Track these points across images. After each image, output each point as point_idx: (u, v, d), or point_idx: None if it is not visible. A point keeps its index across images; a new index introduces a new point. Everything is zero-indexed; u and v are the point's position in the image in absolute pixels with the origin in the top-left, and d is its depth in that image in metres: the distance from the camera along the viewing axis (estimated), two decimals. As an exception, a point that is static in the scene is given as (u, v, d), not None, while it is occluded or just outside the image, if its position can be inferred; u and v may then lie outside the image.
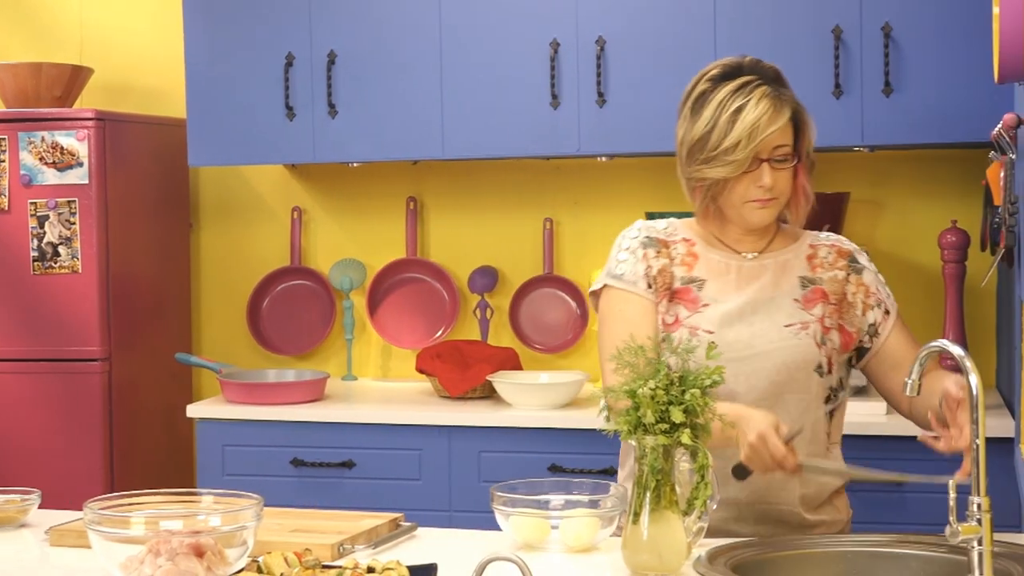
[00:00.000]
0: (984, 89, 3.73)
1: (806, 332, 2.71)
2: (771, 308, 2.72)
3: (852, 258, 2.82)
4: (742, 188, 2.68)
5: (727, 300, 2.72)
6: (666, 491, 2.27)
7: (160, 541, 2.17)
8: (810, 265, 2.79)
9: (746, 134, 2.63)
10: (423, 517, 2.78)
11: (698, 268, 2.76)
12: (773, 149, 2.67)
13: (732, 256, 2.78)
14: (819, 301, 2.75)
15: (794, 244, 2.82)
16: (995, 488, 2.23)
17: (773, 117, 2.65)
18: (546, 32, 4.26)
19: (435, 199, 4.85)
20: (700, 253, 2.78)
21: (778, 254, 2.79)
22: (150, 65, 5.05)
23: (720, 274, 2.76)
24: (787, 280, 2.76)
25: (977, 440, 2.10)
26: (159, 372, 4.81)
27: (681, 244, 2.79)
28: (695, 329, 2.69)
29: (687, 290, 2.74)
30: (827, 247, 2.83)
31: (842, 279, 2.78)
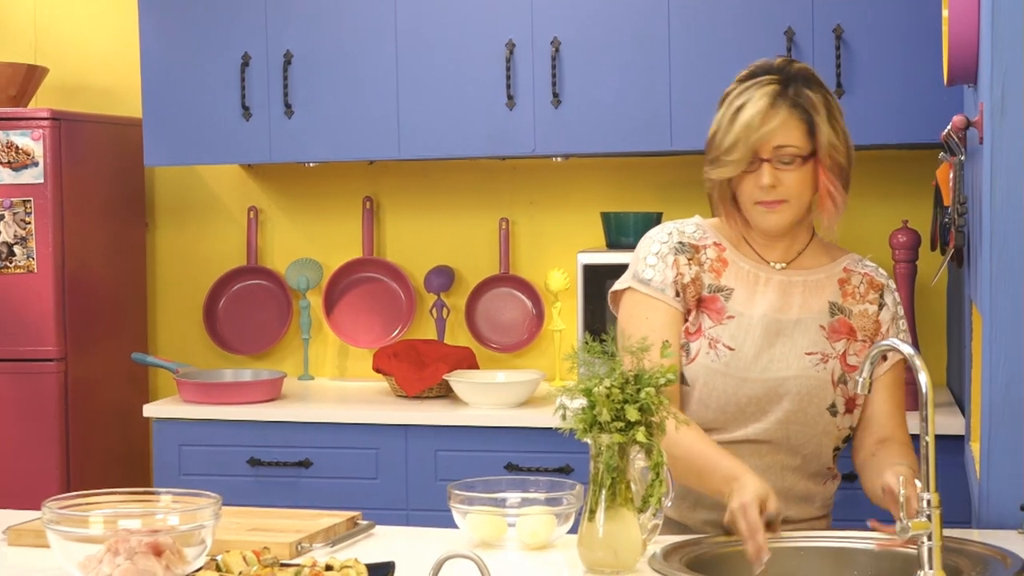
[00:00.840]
0: (934, 91, 3.78)
1: (824, 366, 2.64)
2: (795, 331, 2.64)
3: (882, 292, 2.71)
4: (747, 189, 2.61)
5: (752, 315, 2.65)
6: (621, 489, 2.29)
7: (119, 540, 2.17)
8: (842, 292, 2.69)
9: (742, 134, 2.58)
10: (380, 516, 2.79)
11: (727, 276, 2.68)
12: (775, 149, 2.58)
13: (762, 266, 2.69)
14: (844, 335, 2.66)
15: (828, 264, 2.72)
16: (945, 485, 2.27)
17: (768, 115, 2.57)
18: (502, 33, 4.28)
19: (391, 199, 4.86)
20: (730, 259, 2.69)
21: (810, 272, 2.70)
22: (106, 64, 5.04)
23: (749, 284, 2.67)
24: (817, 303, 2.67)
25: (927, 437, 2.14)
26: (115, 372, 4.80)
27: (712, 248, 2.70)
28: (716, 342, 2.63)
29: (714, 299, 2.66)
30: (860, 275, 2.72)
31: (872, 313, 2.69)
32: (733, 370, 2.62)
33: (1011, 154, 2.49)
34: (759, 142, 2.57)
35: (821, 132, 2.60)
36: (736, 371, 2.62)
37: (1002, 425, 2.53)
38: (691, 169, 4.54)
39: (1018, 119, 2.48)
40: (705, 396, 2.63)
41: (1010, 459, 2.52)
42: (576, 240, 4.62)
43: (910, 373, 2.31)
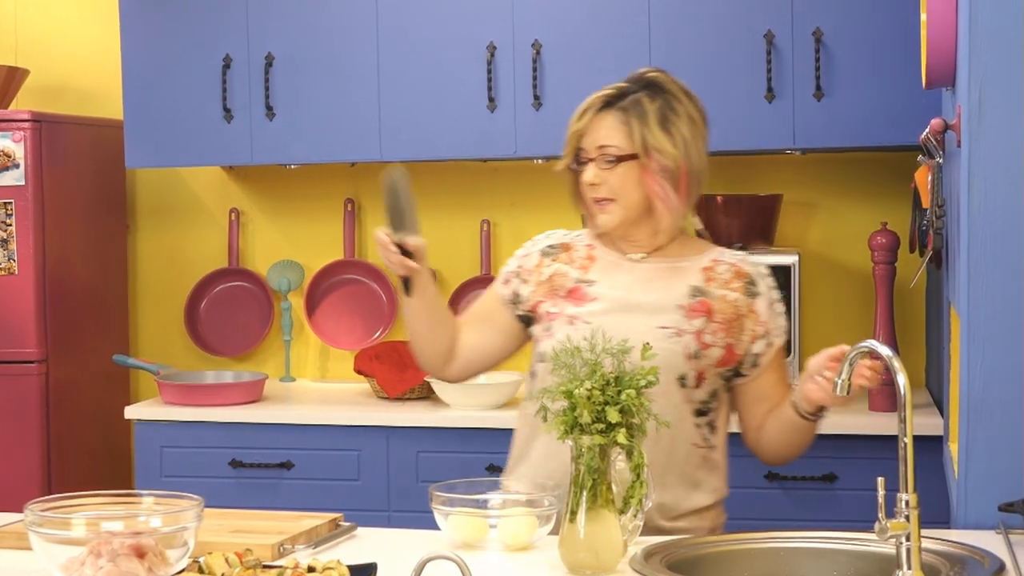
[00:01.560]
0: (912, 94, 3.81)
1: (678, 339, 2.73)
2: (653, 309, 2.76)
3: (751, 280, 2.81)
4: (582, 188, 2.80)
5: (612, 295, 2.79)
6: (602, 490, 2.30)
7: (101, 542, 2.17)
8: (705, 278, 2.80)
9: (570, 131, 2.80)
10: (362, 517, 2.80)
11: (593, 270, 2.84)
12: (598, 148, 2.76)
13: (624, 258, 2.85)
14: (702, 315, 2.76)
15: (694, 256, 2.84)
16: (924, 485, 2.29)
17: (585, 114, 2.78)
18: (483, 35, 4.29)
19: (373, 201, 4.87)
20: (598, 256, 2.86)
21: (674, 260, 2.83)
22: (87, 66, 5.03)
23: (611, 272, 2.83)
24: (678, 286, 2.79)
25: (905, 438, 2.15)
26: (96, 374, 4.80)
27: (583, 248, 2.88)
28: (575, 318, 2.77)
29: (577, 288, 2.82)
30: (727, 265, 2.83)
31: (733, 300, 2.77)
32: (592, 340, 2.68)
33: (988, 157, 2.50)
34: (577, 138, 2.78)
35: (635, 134, 2.74)
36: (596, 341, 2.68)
37: (980, 425, 2.54)
38: (672, 171, 4.57)
39: (995, 122, 2.50)
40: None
41: (988, 459, 2.54)
42: (557, 242, 4.62)
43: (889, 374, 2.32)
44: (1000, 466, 2.53)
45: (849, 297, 4.48)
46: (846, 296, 4.49)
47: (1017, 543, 2.39)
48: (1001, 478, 2.53)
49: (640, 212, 2.78)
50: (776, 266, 4.00)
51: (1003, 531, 2.45)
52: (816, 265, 4.49)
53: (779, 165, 4.53)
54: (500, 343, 2.95)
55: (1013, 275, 2.51)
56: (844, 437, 3.85)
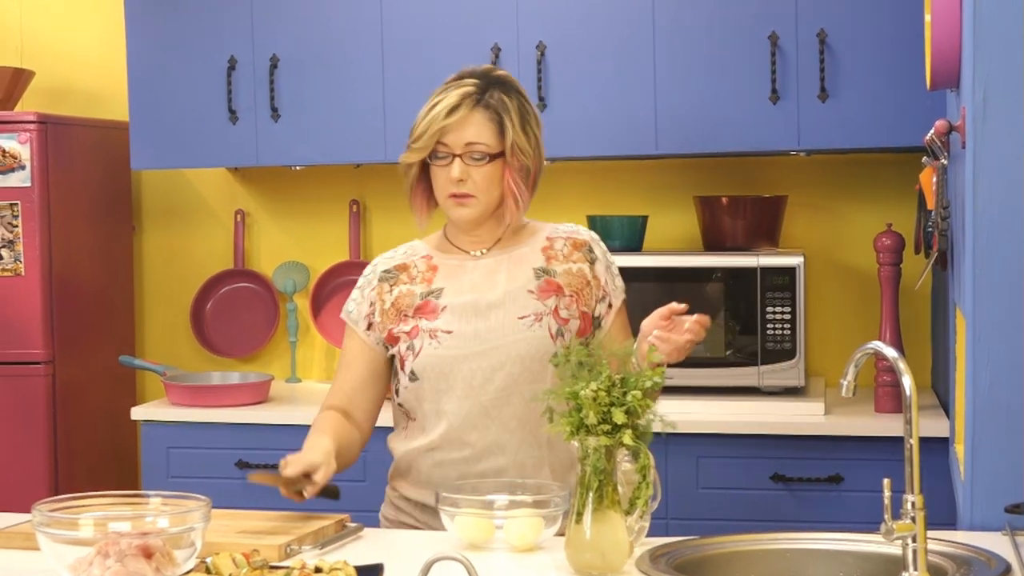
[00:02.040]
0: (917, 95, 3.81)
1: (539, 324, 2.81)
2: (506, 301, 2.82)
3: (588, 248, 2.92)
4: (441, 182, 2.83)
5: (463, 299, 2.83)
6: (608, 491, 2.30)
7: (109, 543, 2.18)
8: (545, 257, 2.89)
9: (428, 124, 2.81)
10: (368, 518, 2.81)
11: (437, 279, 2.88)
12: (466, 145, 2.80)
13: (467, 257, 2.90)
14: (553, 293, 2.85)
15: (530, 238, 2.92)
16: (930, 487, 2.30)
17: (455, 111, 2.80)
18: (487, 37, 4.29)
19: (378, 202, 4.87)
20: (439, 264, 2.90)
21: (512, 249, 2.89)
22: (92, 68, 5.04)
23: (456, 276, 2.87)
24: (522, 273, 2.87)
25: (911, 439, 2.16)
26: (103, 375, 4.80)
27: (421, 261, 2.92)
28: (434, 332, 2.82)
29: (426, 303, 2.85)
30: (563, 239, 2.93)
31: (577, 271, 2.88)
32: (455, 350, 2.80)
33: (993, 158, 2.51)
34: (444, 133, 2.80)
35: (508, 132, 2.81)
36: (457, 350, 2.79)
37: (986, 427, 2.55)
38: (676, 172, 4.58)
39: (1000, 123, 2.50)
40: (436, 383, 2.81)
41: (994, 461, 2.54)
42: (562, 243, 4.63)
43: (894, 375, 2.33)
44: (1006, 467, 2.53)
45: (854, 298, 4.48)
46: (851, 297, 4.49)
47: (1023, 544, 2.39)
48: (1007, 479, 2.53)
49: (493, 210, 2.86)
50: (781, 267, 4.04)
51: (1009, 532, 2.46)
52: (821, 266, 4.49)
53: (784, 166, 4.53)
54: (385, 383, 2.99)
55: (1018, 276, 2.51)
56: (850, 438, 3.86)
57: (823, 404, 3.97)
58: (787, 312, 4.06)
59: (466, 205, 2.83)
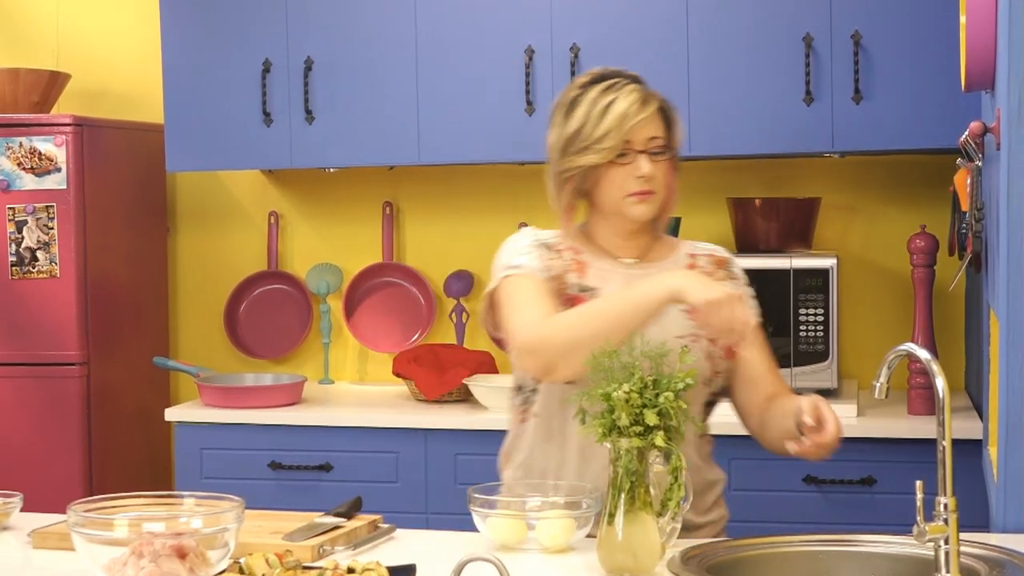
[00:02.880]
0: (952, 97, 3.80)
1: (697, 345, 2.71)
2: (662, 318, 2.66)
3: (729, 265, 2.86)
4: (619, 181, 2.71)
5: None
6: (640, 492, 2.31)
7: (143, 543, 2.19)
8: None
9: (616, 123, 2.70)
10: (400, 519, 2.81)
11: (591, 276, 2.77)
12: (648, 140, 2.72)
13: (616, 264, 2.79)
14: None
15: (673, 255, 2.84)
16: (963, 489, 2.28)
17: (641, 107, 2.72)
18: (521, 39, 4.30)
19: (411, 204, 4.89)
20: (587, 261, 2.79)
21: (661, 263, 2.80)
22: (127, 70, 5.07)
23: (610, 282, 2.76)
24: None
25: (943, 441, 2.15)
26: (137, 376, 4.83)
27: (568, 251, 2.80)
28: None
29: (581, 298, 2.72)
30: (705, 256, 2.86)
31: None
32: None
33: (1028, 160, 2.50)
34: (632, 131, 2.70)
35: (677, 128, 2.79)
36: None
37: (1019, 429, 2.54)
38: (710, 174, 4.57)
39: (1035, 125, 2.49)
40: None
41: (1027, 463, 2.53)
42: (595, 245, 4.64)
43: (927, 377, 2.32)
44: (1040, 470, 2.53)
45: (888, 300, 4.47)
46: (885, 299, 4.48)
47: (1057, 547, 2.39)
48: (1041, 482, 2.52)
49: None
50: (815, 269, 4.03)
51: (1043, 535, 2.45)
52: (855, 268, 4.48)
53: (818, 168, 4.52)
54: None
55: (1053, 278, 2.51)
56: (883, 440, 3.85)
57: (856, 406, 3.96)
58: (820, 314, 4.05)
59: (647, 201, 2.73)
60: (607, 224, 2.80)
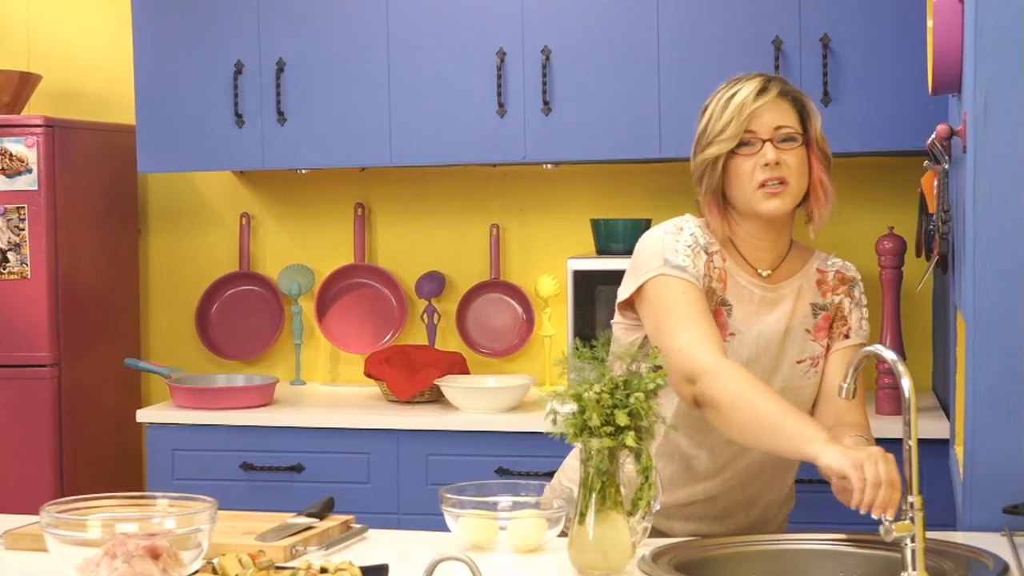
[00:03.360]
0: (919, 100, 3.82)
1: (815, 370, 2.72)
2: (786, 341, 2.69)
3: (852, 285, 2.80)
4: (748, 171, 2.64)
5: (749, 333, 2.69)
6: (611, 492, 2.32)
7: (116, 544, 2.19)
8: (820, 290, 2.77)
9: (737, 111, 2.64)
10: (372, 520, 2.82)
11: (729, 290, 2.71)
12: (774, 129, 2.65)
13: (754, 281, 2.72)
14: (825, 331, 2.75)
15: (802, 268, 2.78)
16: (930, 488, 2.31)
17: (760, 94, 2.65)
18: (493, 41, 4.32)
19: (383, 205, 4.89)
20: (729, 271, 2.71)
21: (792, 281, 2.75)
22: (99, 72, 5.06)
23: (744, 302, 2.71)
24: (801, 308, 2.73)
25: (910, 441, 2.17)
26: (109, 377, 4.83)
27: (716, 257, 2.71)
28: None
29: (719, 312, 2.69)
30: (833, 272, 2.80)
31: (838, 303, 2.77)
32: None
33: (993, 163, 2.52)
34: (754, 119, 2.64)
35: (813, 118, 2.70)
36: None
37: (985, 429, 2.56)
38: (680, 176, 4.57)
39: (1000, 128, 2.52)
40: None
41: (993, 462, 2.56)
42: (566, 246, 4.66)
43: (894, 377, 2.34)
44: (1005, 469, 2.55)
45: (856, 301, 4.49)
46: (853, 300, 4.50)
47: (1021, 545, 2.41)
48: (1006, 481, 2.54)
49: (798, 204, 2.72)
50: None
51: (1008, 533, 2.47)
52: (824, 269, 4.50)
53: (787, 170, 4.54)
54: None
55: (1018, 279, 2.53)
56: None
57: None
58: (790, 315, 4.07)
59: (779, 195, 2.64)
60: (746, 226, 2.72)
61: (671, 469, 2.72)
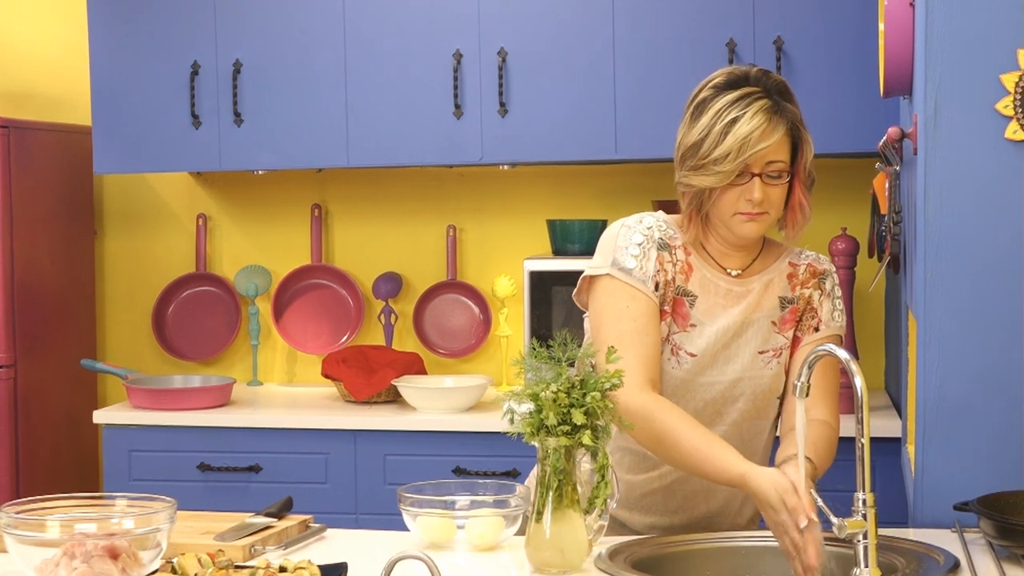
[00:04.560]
0: (871, 102, 3.87)
1: (778, 360, 2.71)
2: (750, 333, 2.69)
3: (823, 278, 2.78)
4: (731, 200, 2.61)
5: (713, 323, 2.69)
6: (568, 491, 2.34)
7: (75, 544, 2.20)
8: (790, 284, 2.75)
9: (737, 146, 2.56)
10: (330, 519, 2.83)
11: (692, 281, 2.71)
12: (766, 164, 2.59)
13: (720, 275, 2.72)
14: (792, 324, 2.73)
15: (775, 263, 2.76)
16: (883, 486, 2.34)
17: (766, 132, 2.58)
18: (449, 43, 4.33)
19: (340, 206, 4.90)
20: (694, 264, 2.71)
21: (763, 274, 2.74)
22: (55, 72, 5.05)
23: (710, 293, 2.71)
24: (768, 300, 2.72)
25: (862, 439, 2.20)
26: (65, 378, 4.81)
27: (680, 250, 2.71)
28: (678, 348, 2.67)
29: (681, 302, 2.69)
30: (804, 265, 2.78)
31: (807, 296, 2.75)
32: (692, 375, 2.67)
33: (944, 165, 2.56)
34: (756, 157, 2.57)
35: (806, 150, 2.65)
36: (695, 375, 2.67)
37: (936, 427, 2.60)
38: (635, 177, 4.62)
39: (950, 131, 2.56)
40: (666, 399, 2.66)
41: (944, 460, 2.59)
42: (522, 247, 4.68)
43: (846, 376, 2.37)
44: (955, 466, 2.59)
45: (810, 301, 4.53)
46: (807, 300, 4.54)
47: (972, 541, 2.45)
48: (956, 478, 2.58)
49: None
50: (738, 271, 4.07)
51: (958, 529, 2.51)
52: (778, 270, 4.54)
53: (741, 171, 4.57)
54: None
55: (968, 279, 2.57)
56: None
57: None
58: (744, 315, 4.10)
59: (757, 221, 2.63)
60: (716, 234, 2.71)
61: (629, 458, 2.74)
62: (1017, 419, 2.57)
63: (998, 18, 2.54)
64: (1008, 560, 2.33)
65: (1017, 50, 2.53)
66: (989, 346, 2.57)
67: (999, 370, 2.57)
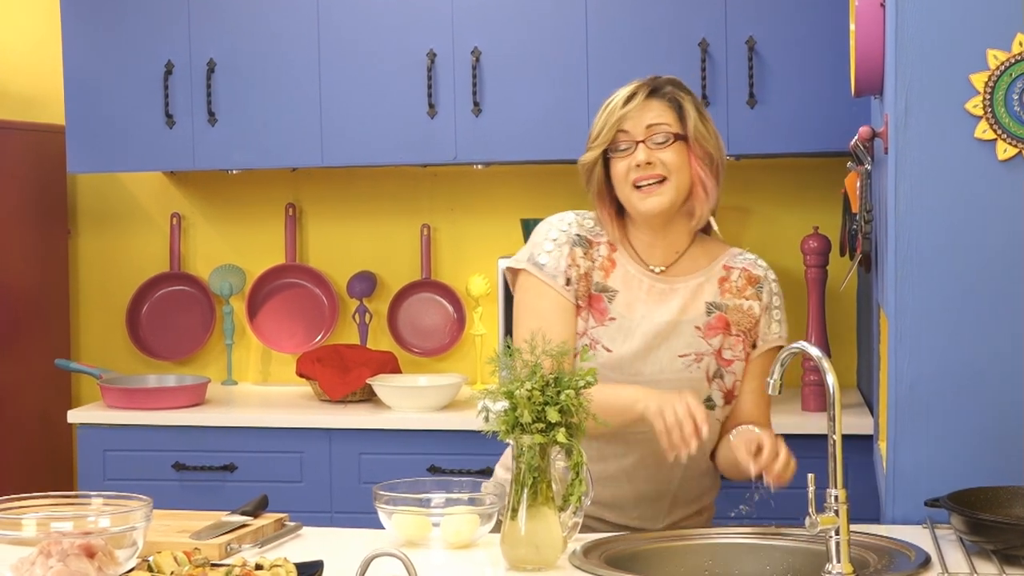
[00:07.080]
0: (842, 102, 3.89)
1: (698, 365, 2.73)
2: (672, 335, 2.72)
3: (760, 286, 2.80)
4: (623, 171, 2.71)
5: (632, 318, 2.72)
6: (542, 488, 2.35)
7: (51, 542, 2.20)
8: (720, 289, 2.77)
9: (607, 117, 2.73)
10: (305, 518, 2.83)
11: (613, 277, 2.75)
12: (647, 128, 2.70)
13: (644, 271, 2.76)
14: (720, 331, 2.75)
15: (707, 265, 2.79)
16: (854, 483, 2.36)
17: (630, 99, 2.72)
18: (423, 43, 4.34)
19: (314, 206, 4.90)
20: (618, 261, 2.76)
21: (690, 277, 2.77)
22: (27, 71, 5.03)
23: (631, 289, 2.75)
24: (695, 306, 2.75)
25: (834, 435, 2.22)
26: (38, 378, 4.80)
27: (604, 246, 2.78)
28: (595, 343, 2.72)
29: (599, 298, 2.74)
30: (739, 270, 2.80)
31: (747, 308, 2.77)
32: (609, 371, 2.70)
33: (914, 164, 2.58)
34: (625, 120, 2.71)
35: (689, 115, 2.72)
36: (612, 372, 2.70)
37: (907, 424, 2.62)
38: (609, 176, 4.63)
39: (921, 130, 2.58)
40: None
41: (915, 457, 2.62)
42: (496, 246, 4.69)
43: (818, 374, 2.39)
44: (927, 463, 2.61)
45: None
46: (780, 299, 4.56)
47: (943, 537, 2.47)
48: (928, 475, 2.60)
49: (683, 200, 2.73)
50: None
51: (929, 526, 2.53)
52: (750, 268, 4.56)
53: (714, 170, 4.59)
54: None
55: (939, 277, 2.59)
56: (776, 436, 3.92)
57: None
58: (717, 313, 4.12)
59: (655, 193, 2.69)
60: (635, 226, 2.78)
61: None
62: (988, 416, 2.59)
63: (967, 18, 2.56)
64: (978, 556, 2.35)
65: (986, 50, 2.55)
66: (960, 343, 2.59)
67: (970, 367, 2.59)
